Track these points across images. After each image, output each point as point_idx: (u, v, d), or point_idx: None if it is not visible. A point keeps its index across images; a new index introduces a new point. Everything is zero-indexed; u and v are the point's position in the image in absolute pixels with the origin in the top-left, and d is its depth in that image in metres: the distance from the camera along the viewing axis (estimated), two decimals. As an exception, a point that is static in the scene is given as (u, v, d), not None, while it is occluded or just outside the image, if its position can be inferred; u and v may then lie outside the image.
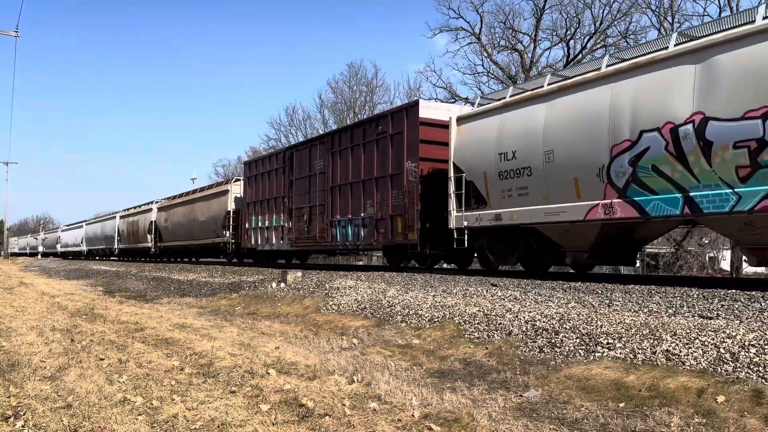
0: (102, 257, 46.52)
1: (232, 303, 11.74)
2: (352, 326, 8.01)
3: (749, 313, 5.95)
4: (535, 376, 5.10)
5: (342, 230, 15.86)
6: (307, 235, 17.61)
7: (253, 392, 4.68)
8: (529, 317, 6.67)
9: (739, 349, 4.72)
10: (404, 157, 13.48)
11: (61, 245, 60.04)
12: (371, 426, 3.85)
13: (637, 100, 8.67)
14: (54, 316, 9.92)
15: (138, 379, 5.24)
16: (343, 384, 4.92)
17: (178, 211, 29.87)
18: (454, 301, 8.10)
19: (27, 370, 5.65)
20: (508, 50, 34.52)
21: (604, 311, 6.65)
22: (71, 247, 55.86)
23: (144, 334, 7.78)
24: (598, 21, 31.10)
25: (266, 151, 54.77)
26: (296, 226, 18.24)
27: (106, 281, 21.03)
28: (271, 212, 20.24)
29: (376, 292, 9.74)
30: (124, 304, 12.47)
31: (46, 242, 69.84)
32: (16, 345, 7.03)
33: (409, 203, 13.28)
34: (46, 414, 4.24)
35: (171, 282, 17.50)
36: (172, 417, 4.11)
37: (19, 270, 34.90)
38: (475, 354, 6.03)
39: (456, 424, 3.88)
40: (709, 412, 3.92)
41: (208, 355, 6.18)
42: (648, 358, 4.99)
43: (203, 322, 9.07)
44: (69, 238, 57.15)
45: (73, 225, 58.68)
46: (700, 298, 6.92)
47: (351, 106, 46.05)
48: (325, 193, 16.68)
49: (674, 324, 5.58)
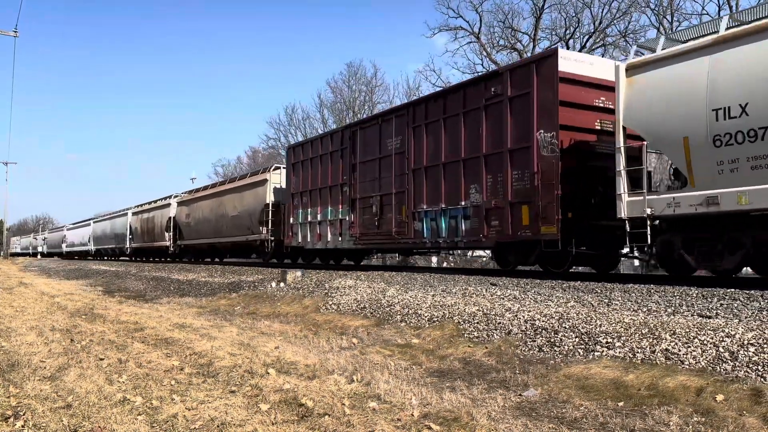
0: (112, 257, 42.86)
1: (231, 303, 11.74)
2: (352, 326, 8.02)
3: (748, 312, 5.96)
4: (534, 375, 5.10)
5: (431, 223, 12.86)
6: (376, 230, 14.60)
7: (252, 392, 4.68)
8: (528, 316, 6.68)
9: (738, 348, 4.73)
10: (532, 126, 10.51)
11: (66, 245, 56.61)
12: (371, 425, 3.86)
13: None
14: (54, 316, 9.92)
15: (138, 378, 5.24)
16: (342, 383, 4.92)
17: (203, 206, 26.56)
18: (454, 301, 8.11)
19: (27, 370, 5.65)
20: (508, 49, 34.60)
21: (603, 310, 6.66)
22: (78, 246, 52.24)
23: (144, 334, 7.78)
24: (598, 20, 31.17)
25: (267, 151, 54.64)
26: (360, 219, 15.26)
27: (106, 281, 21.03)
28: (324, 204, 17.10)
29: (376, 292, 9.74)
30: (123, 304, 12.47)
31: (50, 242, 66.46)
32: (15, 345, 7.03)
33: (542, 186, 10.25)
34: (45, 414, 4.25)
35: (170, 282, 17.49)
36: (171, 417, 4.11)
37: (19, 270, 34.89)
38: (474, 353, 6.04)
39: (455, 424, 3.88)
40: (708, 411, 3.93)
41: (207, 355, 6.18)
42: (647, 357, 5.00)
43: (203, 321, 9.08)
44: (75, 237, 53.65)
45: (79, 223, 54.81)
46: (699, 297, 6.93)
47: (350, 106, 46.08)
48: (404, 178, 13.68)
49: (673, 323, 5.59)
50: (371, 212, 14.83)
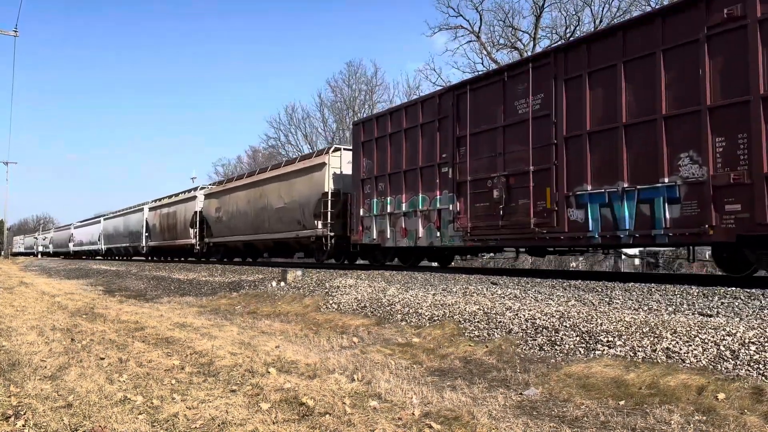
0: (125, 257, 39.15)
1: (232, 302, 11.74)
2: (352, 325, 8.02)
3: (749, 311, 5.96)
4: (535, 374, 5.10)
5: (600, 211, 9.53)
6: (500, 222, 11.21)
7: (253, 391, 4.68)
8: (529, 315, 6.68)
9: (739, 347, 4.73)
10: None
11: (74, 244, 53.28)
12: (371, 424, 3.85)
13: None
14: (54, 316, 9.93)
15: (138, 378, 5.24)
16: (343, 382, 4.92)
17: (238, 198, 22.99)
18: (454, 300, 8.10)
19: (27, 370, 5.66)
20: (508, 48, 34.61)
21: (604, 309, 6.66)
22: (86, 245, 48.87)
23: (144, 334, 7.78)
24: (598, 19, 31.14)
25: (267, 150, 54.34)
26: (472, 208, 11.89)
27: (106, 280, 21.03)
28: (412, 190, 13.62)
29: (376, 291, 9.74)
30: (124, 303, 12.47)
31: (56, 241, 63.16)
32: (16, 344, 7.03)
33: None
34: (46, 413, 4.24)
35: (171, 281, 17.49)
36: (172, 416, 4.11)
37: (20, 270, 34.90)
38: (475, 352, 6.04)
39: (456, 423, 3.88)
40: (710, 410, 3.93)
41: (208, 354, 6.18)
42: (648, 356, 4.99)
43: (203, 321, 9.08)
44: (83, 236, 50.30)
45: (87, 221, 51.61)
46: (700, 296, 6.93)
47: (350, 105, 46.11)
48: (549, 151, 10.36)
49: (674, 322, 5.58)
50: (490, 198, 11.43)
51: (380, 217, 14.68)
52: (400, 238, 13.92)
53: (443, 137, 12.77)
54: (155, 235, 31.85)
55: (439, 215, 12.78)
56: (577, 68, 10.03)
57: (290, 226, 19.15)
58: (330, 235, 16.84)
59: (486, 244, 11.81)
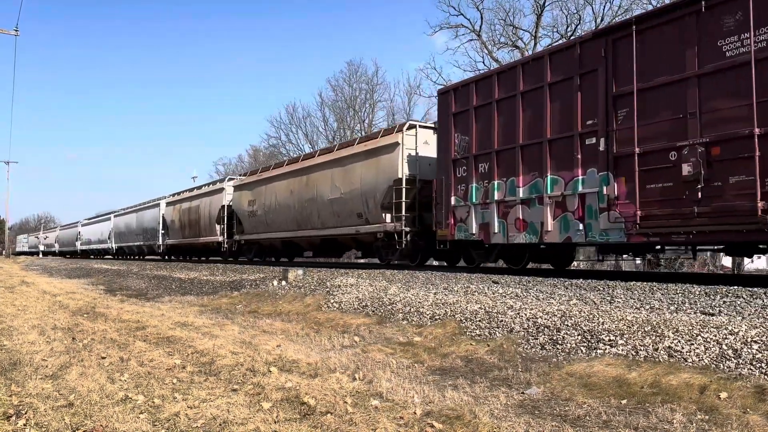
0: (139, 257, 35.72)
1: (233, 301, 11.74)
2: (354, 324, 8.01)
3: (751, 310, 5.94)
4: (536, 373, 5.09)
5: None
6: (695, 208, 8.16)
7: (254, 390, 4.68)
8: (530, 314, 6.67)
9: (741, 346, 4.72)
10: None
11: (81, 242, 50.34)
12: (373, 423, 3.85)
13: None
14: (55, 315, 9.93)
15: (139, 377, 5.24)
16: (344, 382, 4.91)
17: (277, 188, 20.00)
18: (456, 299, 8.10)
19: (28, 369, 5.65)
20: (509, 47, 34.59)
21: (605, 308, 6.65)
22: (95, 244, 45.91)
23: (145, 333, 7.77)
24: (599, 17, 31.11)
25: (268, 150, 54.27)
26: (642, 190, 8.88)
27: (108, 280, 21.04)
28: (534, 170, 10.69)
29: (378, 290, 9.73)
30: (125, 302, 12.47)
31: (62, 239, 60.41)
32: (17, 344, 7.03)
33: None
34: (47, 413, 4.24)
35: (172, 280, 17.50)
36: (173, 415, 4.10)
37: (21, 269, 34.93)
38: (476, 351, 6.03)
39: (458, 422, 3.87)
40: (712, 409, 3.92)
41: (209, 354, 6.17)
42: (650, 355, 4.98)
43: (204, 320, 9.07)
44: (92, 234, 47.47)
45: (96, 218, 49.03)
46: (702, 295, 6.91)
47: (351, 105, 46.10)
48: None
49: (676, 321, 5.57)
50: (675, 176, 8.46)
51: (482, 206, 11.74)
52: (516, 233, 10.96)
53: (588, 98, 9.76)
54: (174, 233, 28.78)
55: (582, 201, 9.81)
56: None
57: (348, 220, 16.16)
58: (405, 231, 13.89)
59: (668, 239, 8.61)
